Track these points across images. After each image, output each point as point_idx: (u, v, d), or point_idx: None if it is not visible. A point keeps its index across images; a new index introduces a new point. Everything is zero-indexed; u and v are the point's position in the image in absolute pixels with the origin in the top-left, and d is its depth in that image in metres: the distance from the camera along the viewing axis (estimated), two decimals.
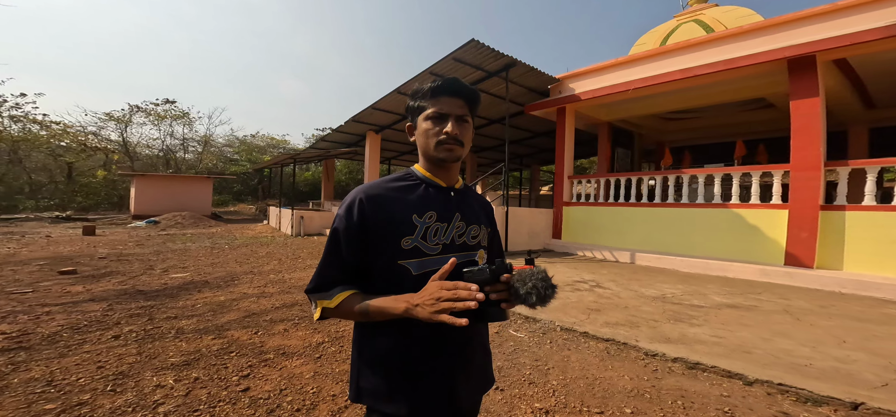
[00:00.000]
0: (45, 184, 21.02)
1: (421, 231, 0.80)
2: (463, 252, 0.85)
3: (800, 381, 2.05)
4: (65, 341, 2.68)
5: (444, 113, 0.81)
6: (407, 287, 0.78)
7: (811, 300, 3.96)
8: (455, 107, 0.82)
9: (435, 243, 0.81)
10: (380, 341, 0.81)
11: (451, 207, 0.86)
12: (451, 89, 0.83)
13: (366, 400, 0.81)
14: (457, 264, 0.78)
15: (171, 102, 25.58)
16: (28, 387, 2.02)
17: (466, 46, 6.44)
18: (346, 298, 0.78)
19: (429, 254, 0.81)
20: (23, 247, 7.26)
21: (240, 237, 10.36)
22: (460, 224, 0.86)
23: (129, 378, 2.17)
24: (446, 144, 0.81)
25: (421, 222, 0.81)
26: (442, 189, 0.86)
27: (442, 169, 0.86)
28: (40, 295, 3.86)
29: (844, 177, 4.99)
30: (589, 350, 2.76)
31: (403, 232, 0.79)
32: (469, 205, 0.91)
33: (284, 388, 2.14)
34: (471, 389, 0.86)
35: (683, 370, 2.40)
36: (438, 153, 0.82)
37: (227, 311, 3.50)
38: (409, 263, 0.79)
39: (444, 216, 0.84)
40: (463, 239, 0.86)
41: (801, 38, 5.08)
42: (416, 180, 0.87)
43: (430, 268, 0.80)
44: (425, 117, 0.83)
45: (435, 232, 0.82)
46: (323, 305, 0.79)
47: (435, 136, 0.82)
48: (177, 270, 5.44)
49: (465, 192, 0.93)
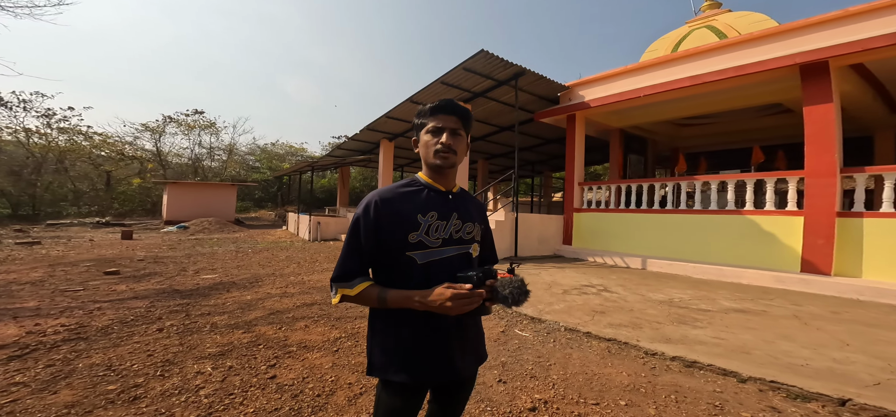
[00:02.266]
0: (86, 191, 22.56)
1: (424, 227, 0.98)
2: (459, 245, 1.04)
3: (792, 379, 2.13)
4: (116, 333, 3.03)
5: (441, 127, 1.02)
6: (414, 273, 0.98)
7: (824, 306, 3.92)
8: (450, 122, 1.03)
9: (436, 237, 1.00)
10: (391, 322, 0.99)
11: (450, 208, 1.04)
12: (447, 109, 1.04)
13: (378, 373, 1.00)
14: (457, 255, 1.01)
15: (200, 112, 27.09)
16: (91, 371, 2.34)
17: (476, 57, 6.67)
18: (364, 288, 0.95)
19: (430, 247, 0.99)
20: (70, 250, 7.93)
21: (261, 242, 10.88)
22: (457, 222, 1.04)
23: (174, 365, 2.47)
24: (442, 152, 1.01)
25: (424, 220, 0.99)
26: (441, 192, 1.04)
27: (440, 175, 1.06)
28: (90, 293, 4.29)
29: (861, 183, 4.89)
30: (591, 349, 2.89)
31: (410, 228, 0.97)
32: (465, 206, 1.10)
33: (306, 377, 2.38)
34: (467, 361, 1.05)
35: (680, 368, 2.50)
36: (436, 160, 1.02)
37: (253, 309, 3.81)
38: (415, 254, 0.97)
39: (444, 215, 1.02)
40: (459, 235, 1.04)
41: (812, 44, 5.05)
42: (420, 186, 1.04)
43: (432, 258, 0.99)
44: (426, 131, 1.04)
45: (436, 228, 1.00)
46: (343, 292, 0.96)
47: (433, 146, 1.02)
48: (207, 272, 5.86)
49: (462, 195, 1.13)
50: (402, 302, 0.94)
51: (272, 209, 27.87)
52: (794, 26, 5.33)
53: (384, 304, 0.95)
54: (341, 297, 0.97)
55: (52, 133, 21.24)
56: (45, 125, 21.03)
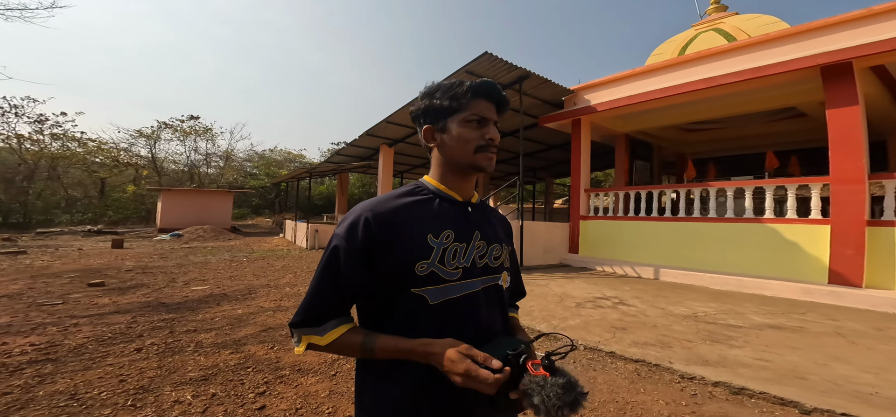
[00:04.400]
0: (80, 198, 22.20)
1: (437, 253, 0.68)
2: (486, 275, 0.75)
3: (866, 411, 1.84)
4: (90, 353, 2.71)
5: (487, 117, 0.73)
6: (423, 319, 0.67)
7: (863, 321, 3.63)
8: (493, 112, 0.75)
9: (454, 267, 0.70)
10: (386, 389, 0.69)
11: (470, 225, 0.75)
12: (493, 94, 0.74)
13: None
14: (483, 289, 0.71)
15: (195, 118, 26.87)
16: (52, 400, 2.03)
17: (480, 59, 6.48)
18: (342, 335, 0.67)
19: (448, 280, 0.69)
20: (56, 260, 7.58)
21: (257, 250, 10.55)
22: (480, 243, 0.75)
23: (148, 392, 2.15)
24: (489, 152, 0.73)
25: (437, 243, 0.69)
26: (458, 204, 0.76)
27: (462, 179, 0.77)
28: (70, 307, 3.97)
29: (891, 190, 4.64)
30: (617, 371, 2.59)
31: (418, 256, 0.67)
32: (488, 222, 0.80)
33: (300, 407, 2.07)
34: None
35: (727, 395, 2.20)
36: (479, 161, 0.73)
37: (244, 325, 3.49)
38: (425, 291, 0.67)
39: (463, 235, 0.72)
40: (485, 261, 0.75)
41: (835, 45, 4.85)
42: (429, 193, 0.75)
43: (450, 296, 0.69)
44: (464, 120, 0.73)
45: (454, 253, 0.70)
46: (310, 340, 0.67)
47: (476, 142, 0.72)
48: (197, 283, 5.53)
49: (483, 208, 0.83)
50: (398, 354, 0.64)
51: (270, 216, 27.52)
52: (813, 26, 5.15)
53: (372, 355, 0.66)
54: (307, 346, 0.68)
55: (44, 139, 20.95)
56: (38, 131, 20.74)
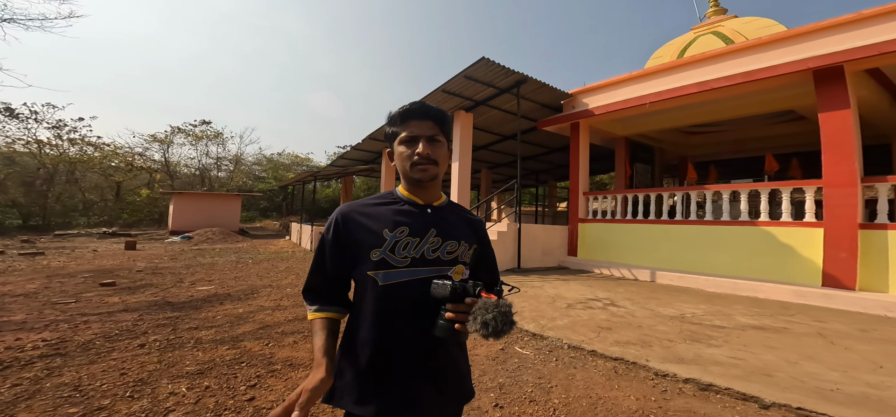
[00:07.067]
0: (97, 201, 22.92)
1: (389, 244, 0.84)
2: (435, 266, 0.88)
3: (822, 406, 1.90)
4: (97, 348, 2.90)
5: (415, 135, 0.87)
6: (373, 296, 0.84)
7: (851, 323, 3.64)
8: (425, 128, 0.88)
9: (403, 256, 0.85)
10: (351, 348, 0.86)
11: (427, 223, 0.89)
12: (419, 113, 0.89)
13: (337, 402, 0.85)
14: (429, 277, 0.84)
15: (207, 123, 27.56)
16: (57, 392, 2.20)
17: (477, 64, 6.60)
18: (316, 319, 0.89)
19: (396, 267, 0.84)
20: (72, 261, 7.92)
21: (263, 252, 10.81)
22: (435, 239, 0.88)
23: (146, 385, 2.32)
24: (420, 165, 0.87)
25: (391, 236, 0.85)
26: (419, 206, 0.91)
27: (421, 188, 0.91)
28: (82, 305, 4.20)
29: (884, 193, 4.62)
30: (596, 369, 2.67)
31: (373, 244, 0.84)
32: (449, 222, 0.94)
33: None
34: (441, 400, 0.87)
35: (694, 391, 2.27)
36: (414, 173, 0.88)
37: (243, 322, 3.67)
38: (376, 274, 0.84)
39: (417, 231, 0.87)
40: (437, 254, 0.88)
41: (825, 48, 4.85)
42: (395, 199, 0.92)
43: (396, 280, 0.84)
44: (399, 142, 0.89)
45: (405, 245, 0.85)
46: (308, 314, 0.92)
47: (409, 159, 0.88)
48: (203, 283, 5.75)
49: (447, 209, 0.96)
50: (313, 351, 0.88)
51: (277, 219, 28.01)
52: (805, 30, 5.15)
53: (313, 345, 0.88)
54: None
55: (63, 144, 21.73)
56: (56, 136, 21.53)
